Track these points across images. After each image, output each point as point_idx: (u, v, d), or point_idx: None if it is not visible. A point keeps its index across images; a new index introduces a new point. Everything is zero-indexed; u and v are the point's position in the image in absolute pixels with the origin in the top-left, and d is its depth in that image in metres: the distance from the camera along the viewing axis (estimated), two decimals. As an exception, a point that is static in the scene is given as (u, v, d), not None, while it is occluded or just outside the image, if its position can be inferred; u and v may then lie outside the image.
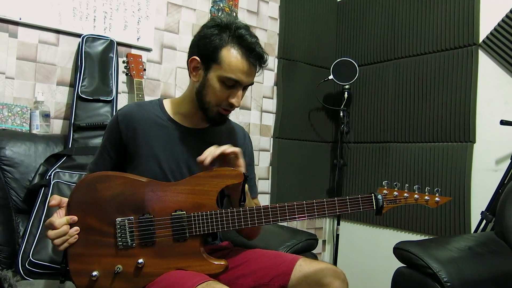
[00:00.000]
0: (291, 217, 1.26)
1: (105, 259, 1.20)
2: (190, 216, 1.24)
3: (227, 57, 1.28)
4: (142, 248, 1.22)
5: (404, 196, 1.30)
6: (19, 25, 2.09)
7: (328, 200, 1.26)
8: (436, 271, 1.59)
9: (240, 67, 1.28)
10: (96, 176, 1.27)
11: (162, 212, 1.24)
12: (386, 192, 1.29)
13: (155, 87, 2.54)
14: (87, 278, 1.17)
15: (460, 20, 2.57)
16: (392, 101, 2.93)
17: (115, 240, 1.21)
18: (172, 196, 1.26)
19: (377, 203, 1.26)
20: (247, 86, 1.36)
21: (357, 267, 3.07)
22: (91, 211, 1.21)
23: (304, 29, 3.20)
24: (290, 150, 3.16)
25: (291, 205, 1.26)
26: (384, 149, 2.97)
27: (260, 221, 1.26)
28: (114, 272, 1.19)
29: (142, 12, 2.45)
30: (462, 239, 1.93)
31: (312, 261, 1.35)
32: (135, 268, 1.20)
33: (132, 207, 1.23)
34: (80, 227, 1.20)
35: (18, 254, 1.68)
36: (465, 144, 2.51)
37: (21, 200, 1.84)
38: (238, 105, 1.33)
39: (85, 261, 1.19)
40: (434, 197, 1.31)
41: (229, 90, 1.31)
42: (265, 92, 3.08)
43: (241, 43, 1.28)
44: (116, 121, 1.42)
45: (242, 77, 1.29)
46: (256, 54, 1.29)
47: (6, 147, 1.85)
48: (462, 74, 2.54)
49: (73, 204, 1.22)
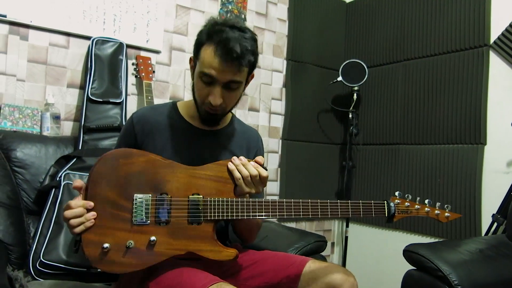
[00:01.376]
0: (304, 214, 1.28)
1: (119, 232, 1.19)
2: (206, 200, 1.25)
3: (203, 53, 1.28)
4: (156, 227, 1.22)
5: (415, 208, 1.33)
6: (29, 28, 2.12)
7: (342, 202, 1.28)
8: (447, 274, 1.58)
9: (211, 62, 1.26)
10: (120, 152, 1.28)
11: (180, 194, 1.25)
12: (399, 201, 1.32)
13: (164, 89, 2.55)
14: (98, 249, 1.17)
15: (470, 21, 2.55)
16: (402, 102, 2.91)
17: (130, 215, 1.21)
18: (192, 180, 1.27)
19: (389, 210, 1.30)
20: (231, 84, 1.30)
21: (366, 269, 3.05)
22: (111, 184, 1.21)
23: (312, 31, 3.20)
24: (299, 152, 3.15)
25: (305, 202, 1.28)
26: (393, 151, 2.95)
27: (274, 214, 1.27)
28: (125, 246, 1.18)
29: (151, 14, 2.46)
30: (472, 242, 1.91)
31: (322, 263, 1.35)
32: (147, 245, 1.20)
33: (152, 185, 1.24)
34: (98, 199, 1.20)
35: (29, 254, 1.69)
36: (476, 146, 2.49)
37: (32, 201, 1.85)
38: (215, 103, 1.29)
39: (98, 232, 1.18)
40: (444, 212, 1.35)
41: (208, 87, 1.30)
42: (273, 94, 3.08)
43: (216, 39, 1.26)
44: (131, 123, 1.43)
45: (213, 72, 1.26)
46: (227, 49, 1.23)
47: (17, 149, 1.87)
48: (473, 76, 2.52)
49: (94, 175, 1.21)
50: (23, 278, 1.59)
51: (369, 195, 3.10)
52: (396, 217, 1.31)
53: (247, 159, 1.29)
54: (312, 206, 1.28)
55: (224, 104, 1.33)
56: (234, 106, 1.42)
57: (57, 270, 1.66)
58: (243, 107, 2.91)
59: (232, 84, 1.30)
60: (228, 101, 1.35)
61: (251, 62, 1.31)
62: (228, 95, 1.32)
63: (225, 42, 1.24)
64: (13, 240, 1.69)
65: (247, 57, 1.27)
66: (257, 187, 1.29)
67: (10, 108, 2.03)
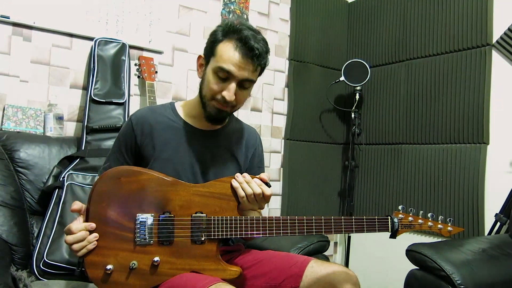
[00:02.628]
0: (308, 231, 1.27)
1: (122, 253, 1.18)
2: (210, 219, 1.24)
3: (221, 49, 1.30)
4: (159, 246, 1.21)
5: (418, 223, 1.35)
6: (33, 29, 2.12)
7: (346, 218, 1.29)
8: (450, 274, 1.57)
9: (231, 58, 1.28)
10: (121, 170, 1.27)
11: (183, 212, 1.24)
12: (402, 216, 1.33)
13: (167, 89, 2.56)
14: (102, 270, 1.16)
15: (473, 20, 2.54)
16: (404, 102, 2.90)
17: (133, 235, 1.20)
18: (194, 198, 1.26)
19: (393, 226, 1.31)
20: (245, 82, 1.33)
21: (369, 269, 3.05)
22: (112, 203, 1.20)
23: (315, 31, 3.20)
24: (301, 152, 3.15)
25: (309, 219, 1.27)
26: (396, 151, 2.95)
27: (278, 232, 1.26)
28: (129, 267, 1.18)
29: (153, 15, 2.46)
30: (475, 241, 1.90)
31: (324, 263, 1.35)
32: (150, 265, 1.20)
33: (154, 204, 1.23)
34: (100, 219, 1.19)
35: (32, 255, 1.70)
36: (479, 145, 2.48)
37: (35, 202, 1.86)
38: (229, 98, 1.30)
39: (101, 253, 1.17)
40: (446, 227, 1.37)
41: (223, 83, 1.31)
42: (276, 94, 3.08)
43: (236, 36, 1.29)
44: (130, 125, 1.43)
45: (232, 68, 1.28)
46: (248, 46, 1.27)
47: (21, 150, 1.87)
48: (476, 75, 2.51)
49: (94, 195, 1.20)
50: (27, 278, 1.59)
51: (372, 195, 3.09)
52: (399, 232, 1.32)
53: (250, 175, 1.28)
54: (316, 223, 1.27)
55: (235, 101, 1.34)
56: (241, 106, 1.43)
57: (61, 270, 1.67)
58: (246, 107, 2.91)
59: (246, 82, 1.33)
60: (239, 99, 1.36)
61: (265, 63, 1.35)
62: (240, 93, 1.34)
63: (246, 39, 1.27)
64: (17, 241, 1.69)
65: (265, 57, 1.32)
66: (260, 204, 1.29)
67: (13, 109, 2.03)
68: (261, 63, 1.31)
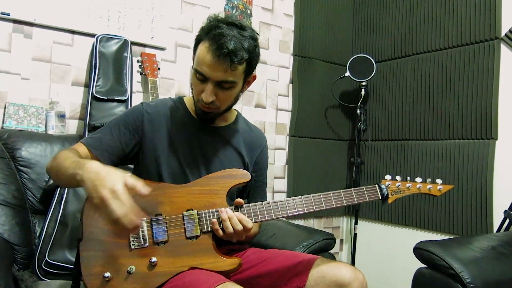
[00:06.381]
0: (300, 211, 1.30)
1: (118, 260, 1.19)
2: (201, 213, 1.26)
3: (198, 50, 1.27)
4: (155, 247, 1.22)
5: (406, 187, 1.36)
6: (33, 26, 2.10)
7: (334, 192, 1.30)
8: (459, 272, 1.55)
9: (204, 59, 1.24)
10: None
11: (174, 212, 1.26)
12: (389, 183, 1.35)
13: (169, 86, 2.53)
14: (100, 280, 1.16)
15: (480, 14, 2.51)
16: (411, 97, 2.88)
17: (128, 240, 1.21)
18: (183, 197, 1.28)
19: (382, 192, 1.33)
20: (223, 84, 1.27)
21: (375, 267, 3.02)
22: (104, 213, 1.20)
23: (319, 26, 3.17)
24: (306, 149, 3.13)
25: (298, 199, 1.31)
26: (402, 147, 2.92)
27: (270, 216, 1.29)
28: (127, 272, 1.18)
29: (156, 11, 2.44)
30: (484, 238, 1.88)
31: (331, 262, 1.33)
32: (148, 267, 1.20)
33: (145, 208, 1.22)
34: (94, 229, 1.20)
35: (34, 254, 1.68)
36: (487, 141, 2.45)
37: (37, 201, 1.84)
38: (206, 100, 1.27)
39: (98, 264, 1.18)
40: (436, 186, 1.38)
41: (202, 84, 1.28)
42: (280, 90, 3.05)
43: (210, 35, 1.24)
44: (141, 110, 1.40)
45: (205, 70, 1.24)
46: (218, 45, 1.20)
47: (22, 148, 1.86)
48: (483, 69, 2.48)
49: (86, 208, 1.22)
50: (28, 278, 1.58)
51: (378, 191, 3.05)
52: (390, 198, 1.34)
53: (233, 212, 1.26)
54: (306, 201, 1.30)
55: (218, 102, 1.31)
56: (231, 105, 1.39)
57: (63, 270, 1.65)
58: (250, 103, 2.89)
59: (224, 83, 1.27)
60: (222, 100, 1.31)
61: (246, 60, 1.26)
62: (221, 93, 1.29)
63: (218, 37, 1.21)
64: (19, 240, 1.68)
65: (240, 54, 1.23)
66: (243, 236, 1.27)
67: (14, 107, 2.02)
68: (235, 61, 1.22)
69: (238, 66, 1.24)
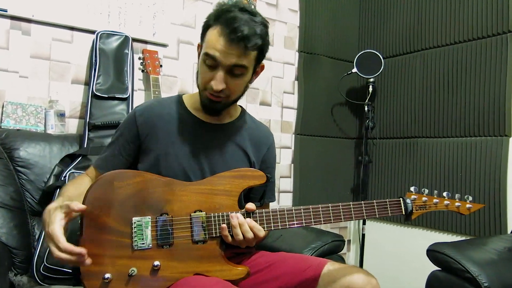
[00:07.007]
0: (316, 221, 1.23)
1: (119, 260, 1.13)
2: (210, 216, 1.20)
3: (208, 34, 1.24)
4: (159, 250, 1.16)
5: (433, 202, 1.28)
6: (32, 22, 2.05)
7: (355, 203, 1.23)
8: (476, 275, 1.50)
9: (216, 43, 1.20)
10: (113, 174, 1.21)
11: (181, 212, 1.20)
12: (415, 197, 1.26)
13: (172, 83, 2.48)
14: (99, 280, 1.11)
15: (491, 7, 2.44)
16: (420, 94, 2.82)
17: (130, 240, 1.15)
18: (192, 196, 1.22)
19: (406, 207, 1.24)
20: (234, 69, 1.23)
21: (384, 269, 2.96)
22: (106, 209, 1.16)
23: (325, 21, 3.12)
24: (313, 147, 3.08)
25: (316, 208, 1.23)
26: (412, 145, 2.86)
27: (284, 224, 1.23)
28: (128, 274, 1.13)
29: (157, 6, 2.38)
30: (499, 239, 1.83)
31: (341, 265, 1.28)
32: (150, 271, 1.14)
33: (150, 206, 1.19)
34: (95, 226, 1.14)
35: (32, 258, 1.63)
36: (500, 138, 2.38)
37: (36, 202, 1.79)
38: (216, 88, 1.22)
39: (98, 263, 1.11)
40: (465, 204, 1.28)
41: (211, 72, 1.24)
42: (285, 87, 3.00)
43: (222, 19, 1.21)
44: (133, 117, 1.37)
45: (217, 54, 1.19)
46: (233, 28, 1.17)
47: (21, 148, 1.81)
48: (495, 64, 2.42)
49: (88, 202, 1.15)
50: (26, 283, 1.53)
51: (387, 191, 3.01)
52: (414, 214, 1.25)
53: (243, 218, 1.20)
54: (324, 211, 1.23)
55: (227, 91, 1.26)
56: (239, 96, 1.34)
57: (62, 275, 1.59)
58: (254, 101, 2.83)
59: (236, 68, 1.23)
60: (232, 88, 1.27)
61: (259, 46, 1.23)
62: (231, 81, 1.25)
63: (231, 21, 1.18)
64: (17, 243, 1.64)
65: (254, 39, 1.20)
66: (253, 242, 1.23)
67: (13, 105, 1.98)
68: (249, 46, 1.19)
69: (251, 52, 1.22)
